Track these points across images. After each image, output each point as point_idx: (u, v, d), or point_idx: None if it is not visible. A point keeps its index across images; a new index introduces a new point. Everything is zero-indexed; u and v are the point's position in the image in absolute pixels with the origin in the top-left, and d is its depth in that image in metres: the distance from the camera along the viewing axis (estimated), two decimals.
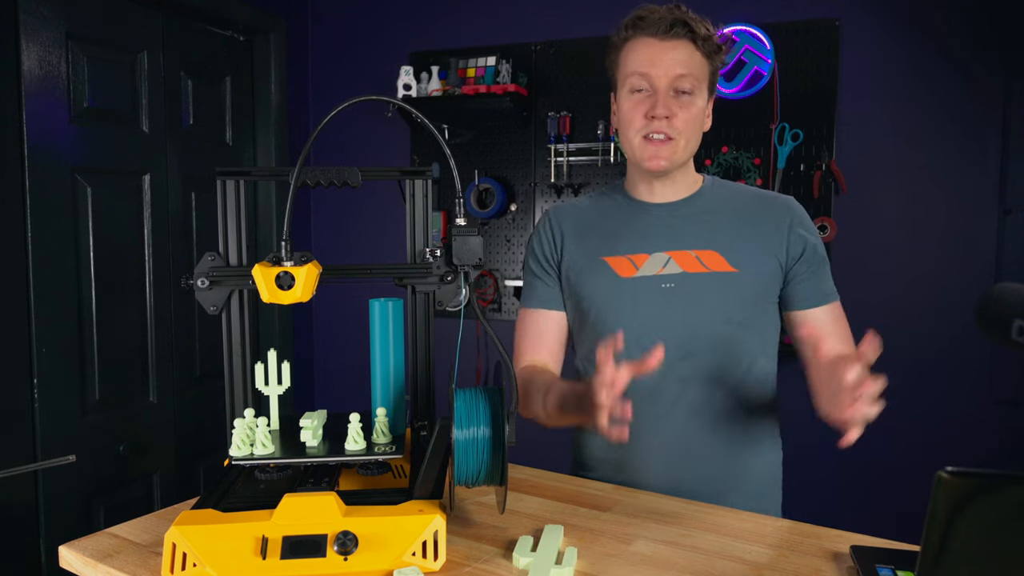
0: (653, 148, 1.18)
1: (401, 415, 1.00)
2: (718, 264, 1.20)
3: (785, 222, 1.22)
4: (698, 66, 1.17)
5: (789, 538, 0.94)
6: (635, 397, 0.95)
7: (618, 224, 1.27)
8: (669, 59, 1.15)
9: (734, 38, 2.22)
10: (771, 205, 1.25)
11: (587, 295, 1.25)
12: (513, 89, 2.43)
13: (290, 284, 0.87)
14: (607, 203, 1.31)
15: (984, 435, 2.08)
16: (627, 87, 1.19)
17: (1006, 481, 0.55)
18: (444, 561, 0.85)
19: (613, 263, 1.24)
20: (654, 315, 1.20)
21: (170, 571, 0.81)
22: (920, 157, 2.15)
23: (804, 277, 1.21)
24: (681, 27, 1.15)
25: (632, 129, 1.19)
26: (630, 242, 1.24)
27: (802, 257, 1.21)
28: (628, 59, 1.19)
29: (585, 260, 1.26)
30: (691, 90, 1.16)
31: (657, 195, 1.26)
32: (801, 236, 1.21)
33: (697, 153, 2.29)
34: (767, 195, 1.28)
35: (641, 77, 1.17)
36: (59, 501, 1.97)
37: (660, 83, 1.16)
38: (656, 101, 1.16)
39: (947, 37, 2.11)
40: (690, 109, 1.17)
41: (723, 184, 1.30)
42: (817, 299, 1.22)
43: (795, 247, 1.21)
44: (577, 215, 1.32)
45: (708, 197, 1.26)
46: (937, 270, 2.14)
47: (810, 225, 1.24)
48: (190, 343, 2.38)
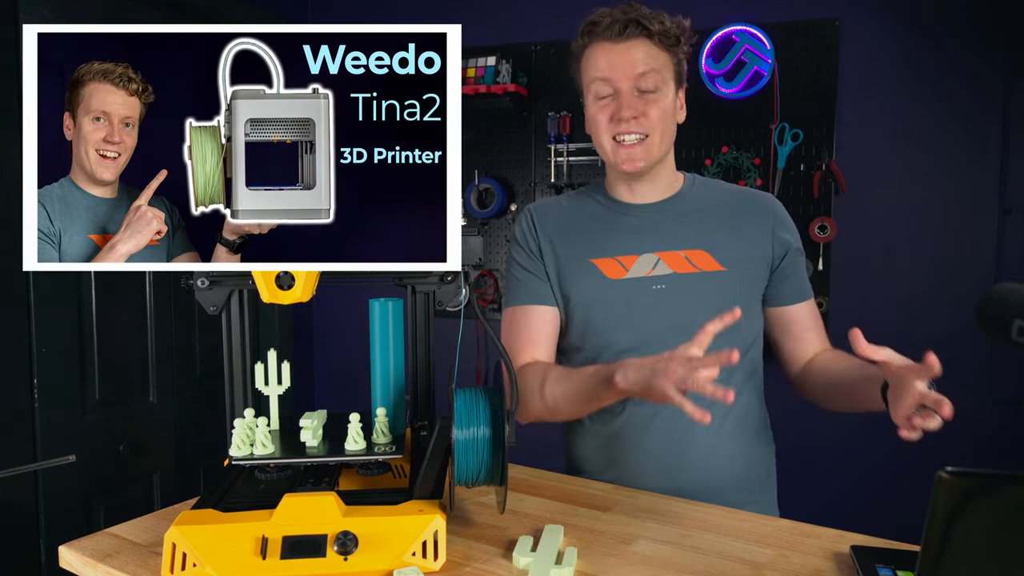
0: (626, 151, 1.18)
1: (401, 415, 1.00)
2: (707, 263, 1.20)
3: (768, 224, 1.24)
4: (659, 61, 1.16)
5: (789, 538, 0.94)
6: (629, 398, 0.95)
7: (604, 225, 1.26)
8: (628, 60, 1.15)
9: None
10: (753, 204, 1.26)
11: (575, 298, 1.24)
12: (513, 89, 2.43)
13: (290, 284, 0.87)
14: (589, 204, 1.30)
15: (984, 435, 2.08)
16: (592, 93, 1.20)
17: (1006, 481, 0.55)
18: (444, 561, 0.85)
19: (601, 265, 1.23)
20: (646, 317, 1.20)
21: (170, 571, 0.81)
22: (920, 157, 2.15)
23: (786, 275, 1.25)
24: (635, 26, 1.15)
25: (602, 134, 1.19)
26: (618, 243, 1.24)
27: (785, 257, 1.24)
28: (588, 66, 1.20)
29: (572, 262, 1.25)
30: (655, 87, 1.16)
31: (638, 195, 1.26)
32: (783, 239, 1.24)
33: (697, 153, 2.33)
34: (748, 192, 1.29)
35: (603, 82, 1.17)
36: (59, 501, 1.97)
37: (622, 85, 1.16)
38: (621, 103, 1.16)
39: (947, 37, 2.11)
40: (658, 104, 1.17)
41: (705, 182, 1.30)
42: (799, 295, 1.26)
43: (779, 249, 1.24)
44: (560, 215, 1.30)
45: (692, 196, 1.27)
46: (937, 270, 2.14)
47: (790, 224, 1.27)
48: (190, 343, 2.37)
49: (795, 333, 1.26)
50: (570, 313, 1.26)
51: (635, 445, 1.21)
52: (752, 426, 1.26)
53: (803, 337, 1.25)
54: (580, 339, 1.25)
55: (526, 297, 1.28)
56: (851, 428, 2.18)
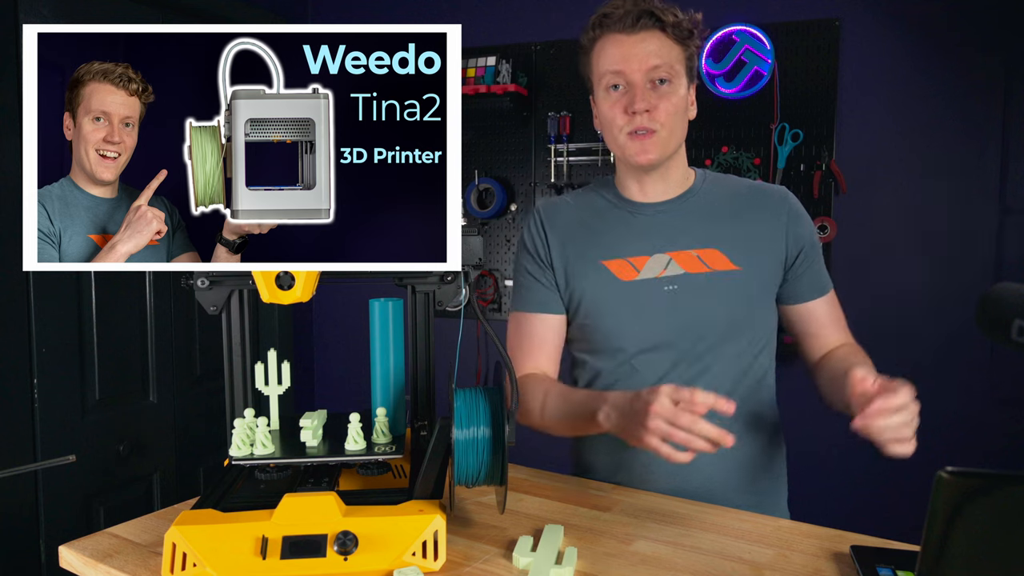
0: (639, 143, 1.15)
1: (401, 415, 1.00)
2: (720, 263, 1.18)
3: (781, 220, 1.21)
4: (672, 54, 1.14)
5: (789, 538, 0.94)
6: None
7: (614, 224, 1.24)
8: (641, 52, 1.13)
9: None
10: (766, 199, 1.23)
11: (586, 300, 1.22)
12: (513, 89, 2.43)
13: (290, 284, 0.88)
14: (598, 202, 1.28)
15: (984, 435, 2.08)
16: (603, 86, 1.17)
17: (1006, 481, 0.55)
18: (444, 561, 0.85)
19: (612, 266, 1.21)
20: (658, 320, 1.18)
21: (170, 571, 0.81)
22: (920, 157, 2.15)
23: (803, 271, 1.22)
24: (648, 18, 1.13)
25: (615, 128, 1.17)
26: (628, 244, 1.21)
27: (801, 253, 1.21)
28: (600, 59, 1.17)
29: (582, 263, 1.23)
30: (668, 79, 1.14)
31: (650, 193, 1.24)
32: (797, 235, 1.21)
33: (697, 153, 2.33)
34: (761, 187, 1.26)
35: (615, 75, 1.14)
36: (59, 501, 1.97)
37: (635, 77, 1.13)
38: (634, 96, 1.13)
39: (947, 37, 2.11)
40: (671, 98, 1.14)
41: (716, 177, 1.28)
42: (817, 291, 1.23)
43: (792, 247, 1.21)
44: (569, 214, 1.28)
45: (704, 193, 1.24)
46: (937, 270, 2.14)
47: (805, 218, 1.23)
48: (190, 343, 2.37)
49: (813, 331, 1.24)
50: (581, 316, 1.23)
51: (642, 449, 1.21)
52: (763, 430, 1.24)
53: (821, 334, 1.23)
54: (592, 343, 1.24)
55: (532, 305, 1.27)
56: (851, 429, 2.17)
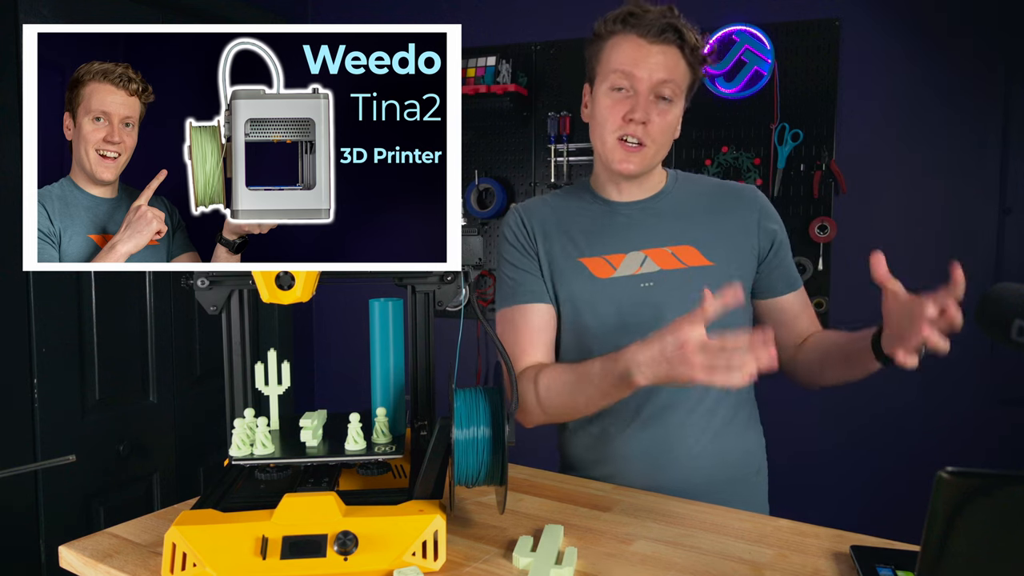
0: (624, 152, 1.17)
1: (401, 415, 1.00)
2: (694, 259, 1.21)
3: (753, 216, 1.24)
4: (681, 74, 1.15)
5: (789, 538, 0.94)
6: None
7: (591, 224, 1.26)
8: (654, 62, 1.13)
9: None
10: (737, 197, 1.26)
11: (565, 297, 1.24)
12: (513, 89, 2.43)
13: (290, 284, 0.87)
14: (576, 203, 1.29)
15: (985, 435, 2.08)
16: (607, 83, 1.17)
17: (1006, 481, 0.55)
18: (444, 561, 0.85)
19: (590, 264, 1.23)
20: (635, 315, 1.20)
21: (170, 571, 0.81)
22: (920, 157, 2.15)
23: (776, 265, 1.25)
24: (672, 32, 1.13)
25: (607, 129, 1.17)
26: (605, 242, 1.24)
27: (771, 249, 1.25)
28: (612, 54, 1.16)
29: (562, 261, 1.24)
30: (671, 97, 1.15)
31: (625, 194, 1.26)
32: (770, 230, 1.25)
33: (697, 153, 2.33)
34: (731, 186, 1.30)
35: (623, 76, 1.14)
36: (59, 501, 1.97)
37: (642, 86, 1.14)
38: (636, 104, 1.14)
39: (947, 37, 2.11)
40: (666, 116, 1.16)
41: (688, 177, 1.31)
42: (790, 285, 1.27)
43: (765, 241, 1.24)
44: (548, 213, 1.29)
45: (677, 192, 1.27)
46: (937, 270, 2.13)
47: (775, 214, 1.27)
48: (190, 343, 2.37)
49: (786, 321, 1.27)
50: (561, 313, 1.26)
51: (622, 443, 1.22)
52: (742, 421, 1.27)
53: (794, 325, 1.27)
54: (570, 339, 1.25)
55: (522, 296, 1.25)
56: (852, 429, 2.18)
